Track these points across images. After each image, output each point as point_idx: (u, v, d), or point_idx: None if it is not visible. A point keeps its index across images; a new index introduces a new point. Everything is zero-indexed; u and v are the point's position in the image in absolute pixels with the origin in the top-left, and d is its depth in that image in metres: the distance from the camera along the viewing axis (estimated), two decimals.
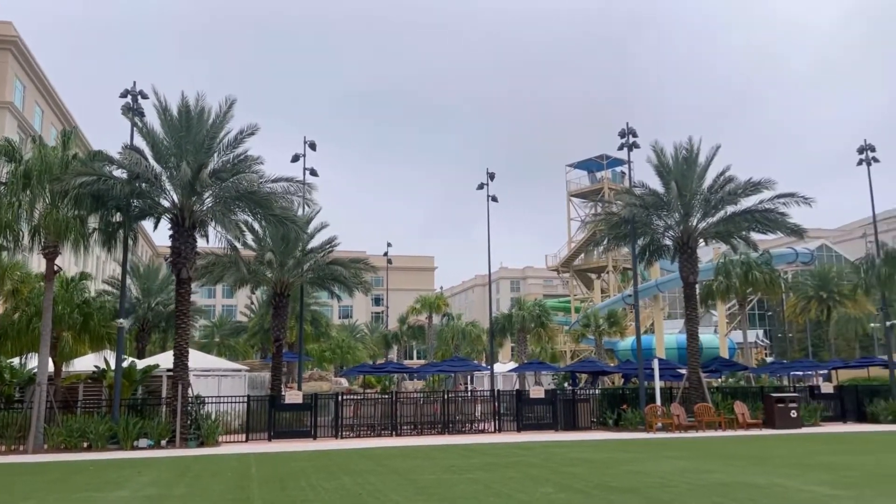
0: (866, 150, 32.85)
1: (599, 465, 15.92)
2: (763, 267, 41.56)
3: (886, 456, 17.77)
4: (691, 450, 19.60)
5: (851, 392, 31.44)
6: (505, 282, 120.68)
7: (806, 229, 30.07)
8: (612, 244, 34.14)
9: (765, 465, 15.88)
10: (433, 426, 27.36)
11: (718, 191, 29.25)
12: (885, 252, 32.45)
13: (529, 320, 42.18)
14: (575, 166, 70.86)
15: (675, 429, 26.64)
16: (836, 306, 57.62)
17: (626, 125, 30.68)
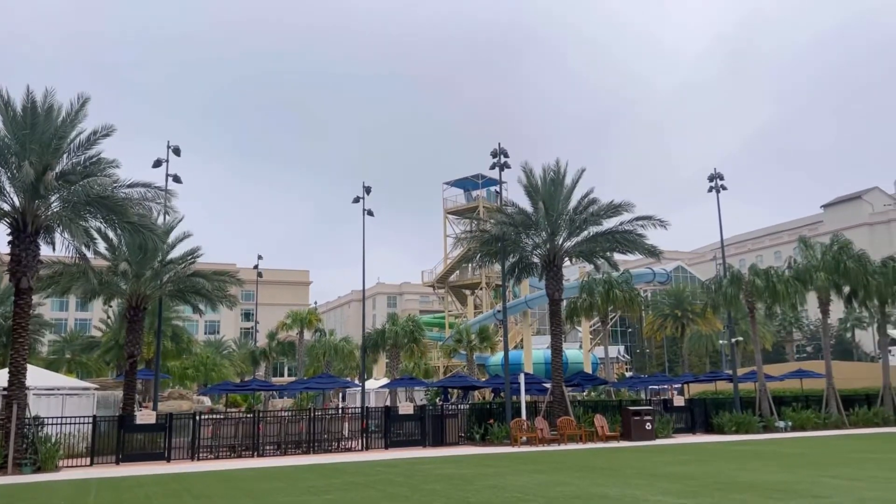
0: (716, 178, 35.41)
1: (461, 481, 15.91)
2: (623, 286, 43.70)
3: (726, 465, 18.94)
4: (551, 463, 20.06)
5: (700, 405, 33.49)
6: (382, 297, 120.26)
7: (662, 251, 31.88)
8: (483, 261, 34.73)
9: (618, 477, 16.48)
10: (298, 446, 26.51)
11: (583, 212, 30.45)
12: (731, 274, 34.97)
13: (402, 336, 42.08)
14: (451, 184, 71.89)
15: (538, 442, 27.27)
16: (689, 324, 61.62)
17: (498, 145, 31.41)
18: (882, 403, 35.34)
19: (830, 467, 17.84)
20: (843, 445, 24.45)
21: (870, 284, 34.34)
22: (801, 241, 37.03)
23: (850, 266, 34.42)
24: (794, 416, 33.13)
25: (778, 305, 35.99)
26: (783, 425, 32.43)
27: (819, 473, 16.50)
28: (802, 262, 35.79)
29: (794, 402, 34.76)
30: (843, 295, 36.58)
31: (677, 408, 33.02)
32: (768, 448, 24.08)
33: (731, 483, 14.97)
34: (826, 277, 34.28)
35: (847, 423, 33.80)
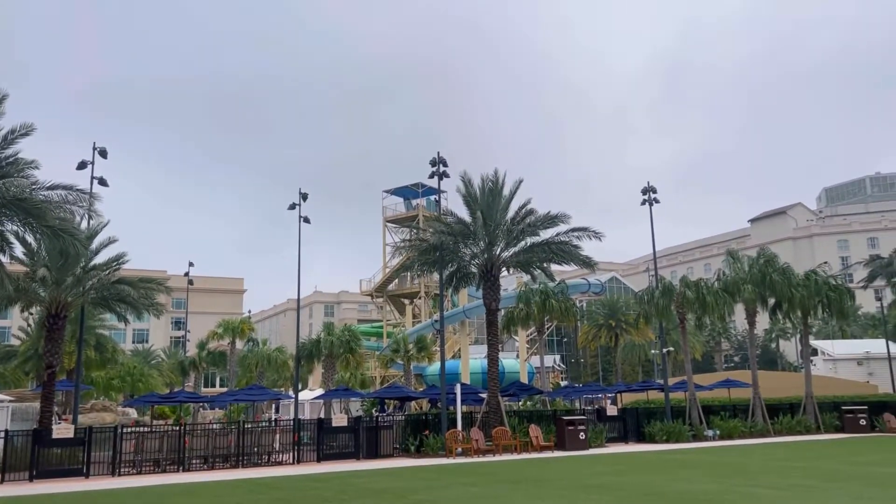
0: (649, 192, 36.15)
1: (392, 496, 15.57)
2: (559, 296, 44.15)
3: (656, 475, 19.15)
4: (485, 475, 19.90)
5: (633, 414, 33.99)
6: (319, 306, 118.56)
7: (597, 262, 32.30)
8: (421, 270, 34.51)
9: (550, 489, 16.43)
10: (227, 460, 25.63)
11: (520, 222, 30.59)
12: (662, 285, 35.71)
13: (338, 346, 41.39)
14: (391, 192, 71.50)
15: (473, 453, 27.11)
16: (623, 334, 62.79)
17: (437, 154, 31.30)
18: (804, 412, 36.60)
19: (756, 476, 18.23)
20: (767, 454, 25.11)
21: (794, 297, 35.58)
22: (730, 254, 38.15)
23: (776, 279, 35.62)
24: (722, 424, 33.95)
25: (707, 316, 36.87)
26: (712, 434, 33.20)
27: (746, 482, 16.82)
28: (731, 274, 36.85)
29: (722, 411, 35.65)
30: (768, 306, 37.81)
31: (610, 417, 33.42)
32: (697, 457, 24.54)
33: (662, 493, 15.10)
34: (753, 290, 35.38)
35: (772, 431, 34.85)
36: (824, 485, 16.03)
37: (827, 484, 16.14)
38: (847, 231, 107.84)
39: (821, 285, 36.30)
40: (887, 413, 36.18)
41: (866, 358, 55.39)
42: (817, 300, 36.41)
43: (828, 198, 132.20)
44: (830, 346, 59.71)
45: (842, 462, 21.33)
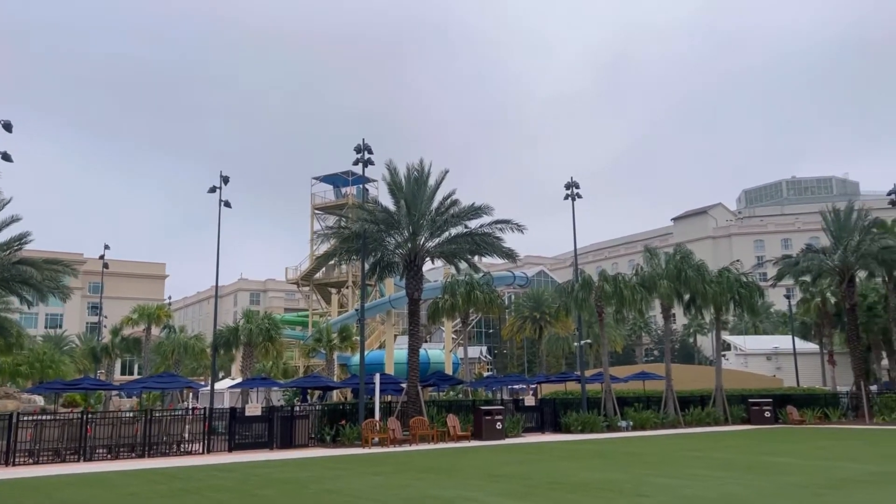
0: (572, 187, 36.68)
1: (295, 486, 15.29)
2: (485, 287, 44.39)
3: (565, 464, 19.47)
4: (397, 465, 19.81)
5: (550, 405, 34.55)
6: (244, 294, 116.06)
7: (519, 254, 32.59)
8: (345, 258, 34.11)
9: (459, 478, 16.47)
10: (133, 449, 24.75)
11: (445, 212, 30.58)
12: (582, 279, 36.36)
13: (257, 334, 40.47)
14: (321, 180, 70.40)
15: (390, 443, 27.00)
16: (547, 326, 63.75)
17: (362, 141, 30.89)
18: (714, 404, 37.96)
19: (659, 466, 18.73)
20: (674, 444, 25.90)
21: (706, 292, 36.80)
22: (647, 250, 39.13)
23: (690, 275, 36.75)
24: (636, 415, 34.87)
25: (625, 310, 37.71)
26: (625, 425, 34.06)
27: (648, 472, 17.25)
28: (648, 269, 37.80)
29: (636, 402, 36.62)
30: (683, 302, 38.98)
31: (528, 407, 33.88)
32: (608, 447, 25.09)
33: (566, 482, 15.31)
34: (668, 285, 36.39)
35: (682, 422, 36.00)
36: (720, 474, 16.58)
37: (723, 473, 16.71)
38: (763, 232, 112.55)
39: (732, 282, 37.65)
40: (790, 406, 37.89)
41: (775, 353, 58.02)
42: (729, 296, 37.75)
43: (747, 199, 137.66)
44: (742, 342, 62.30)
45: (741, 452, 22.16)
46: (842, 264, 38.84)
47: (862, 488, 13.92)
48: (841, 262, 38.79)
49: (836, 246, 39.66)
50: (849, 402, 39.75)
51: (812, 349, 56.46)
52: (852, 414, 38.63)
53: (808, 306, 53.17)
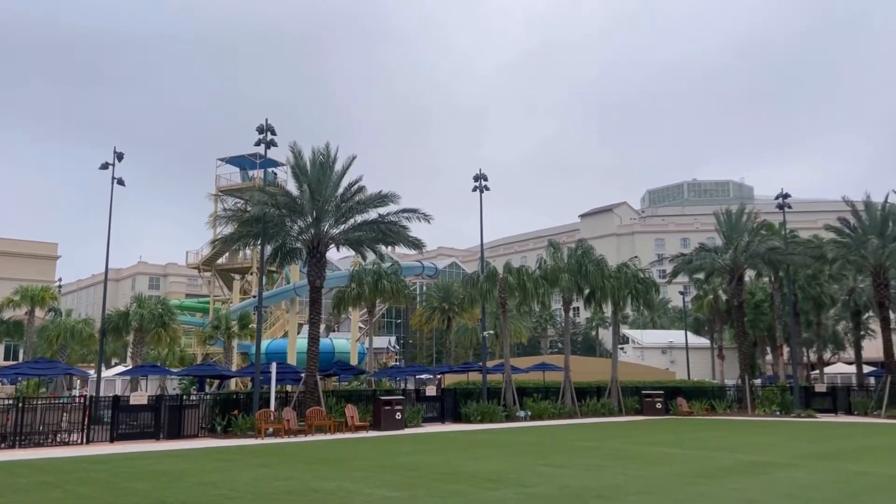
0: (480, 179, 36.81)
1: (171, 478, 14.53)
2: (392, 277, 44.06)
3: (457, 454, 19.44)
4: (285, 456, 19.24)
5: (451, 395, 34.64)
6: (143, 278, 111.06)
7: (425, 244, 32.34)
8: (243, 243, 32.98)
9: (345, 469, 16.11)
10: (4, 439, 23.05)
11: (350, 199, 29.99)
12: (487, 270, 36.62)
13: (149, 319, 38.63)
14: (227, 161, 67.73)
15: (284, 434, 26.31)
16: (455, 317, 64.16)
17: (265, 121, 29.88)
18: (609, 395, 39.10)
19: (549, 455, 18.98)
20: (567, 434, 26.43)
21: (605, 287, 37.82)
22: (551, 244, 39.81)
23: (591, 269, 37.66)
24: (534, 406, 35.47)
25: (529, 302, 38.30)
26: (523, 415, 34.58)
27: (536, 462, 17.43)
28: (551, 263, 38.47)
29: (535, 392, 37.26)
30: (584, 295, 39.92)
31: (429, 398, 33.84)
32: (503, 437, 25.32)
33: (453, 473, 15.22)
34: (569, 278, 37.16)
35: (579, 412, 36.90)
36: (605, 463, 16.93)
37: (608, 463, 17.07)
38: (664, 231, 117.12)
39: (630, 278, 38.85)
40: (680, 397, 39.50)
41: (669, 347, 60.56)
42: (627, 291, 38.95)
43: (650, 199, 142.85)
44: (640, 336, 64.64)
45: (629, 443, 22.81)
46: (732, 263, 40.74)
47: (733, 477, 14.47)
48: (731, 261, 40.68)
49: (728, 246, 41.57)
50: (734, 395, 41.80)
51: (704, 344, 59.24)
52: (737, 406, 40.64)
53: (701, 303, 55.70)
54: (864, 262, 38.05)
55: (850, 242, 38.45)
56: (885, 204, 38.99)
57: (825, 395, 39.60)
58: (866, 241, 37.26)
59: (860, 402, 38.00)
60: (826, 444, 22.12)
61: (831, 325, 60.64)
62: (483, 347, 37.92)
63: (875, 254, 36.84)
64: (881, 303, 38.36)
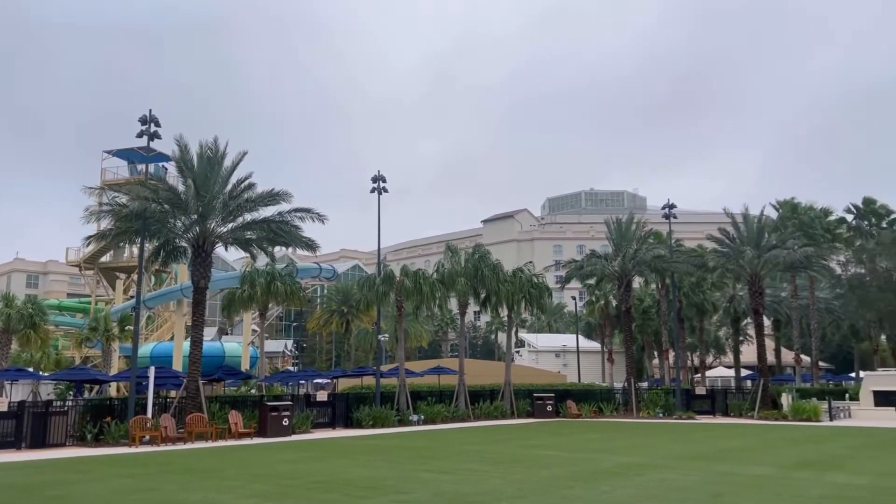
0: (378, 181, 36.33)
1: (18, 493, 13.30)
2: (286, 278, 42.85)
3: (339, 461, 18.93)
4: (154, 465, 18.12)
5: (343, 399, 33.94)
6: (20, 275, 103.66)
7: (319, 245, 31.36)
8: (120, 239, 31.15)
9: (215, 479, 15.29)
10: None
11: (239, 196, 28.82)
12: (384, 273, 36.22)
13: (17, 319, 35.87)
14: (114, 154, 64.26)
15: (161, 442, 24.91)
16: (355, 320, 63.19)
17: (149, 112, 28.30)
18: (502, 398, 39.49)
19: (432, 461, 18.76)
20: (457, 438, 26.37)
21: (500, 291, 38.20)
22: (449, 248, 39.88)
23: (486, 273, 37.96)
24: (428, 409, 35.31)
25: (426, 305, 38.16)
26: (416, 419, 34.34)
27: (418, 467, 17.16)
28: (448, 267, 38.50)
29: (429, 396, 37.13)
30: (480, 299, 40.18)
31: (320, 403, 33.02)
32: (392, 442, 24.95)
33: (330, 481, 14.73)
34: (466, 282, 37.30)
35: (472, 415, 37.03)
36: (487, 468, 16.87)
37: (490, 467, 17.02)
38: (562, 238, 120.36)
39: (524, 282, 39.43)
40: (570, 400, 40.40)
41: (563, 351, 62.05)
42: (521, 295, 39.47)
43: (550, 207, 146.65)
44: (535, 339, 65.94)
45: (515, 446, 22.97)
46: (620, 270, 42.11)
47: (608, 480, 14.71)
48: (620, 268, 42.04)
49: (617, 253, 42.95)
50: (621, 398, 43.15)
51: (595, 348, 61.07)
52: (623, 408, 41.95)
53: (593, 308, 57.36)
54: (741, 271, 40.20)
55: (730, 252, 40.55)
56: (761, 216, 41.42)
57: (705, 398, 41.51)
58: (743, 251, 39.41)
59: (736, 404, 40.04)
60: (700, 446, 23.03)
61: (714, 330, 63.97)
62: (378, 351, 37.54)
63: (751, 263, 39.00)
64: (756, 310, 40.64)
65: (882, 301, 43.74)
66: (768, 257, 38.89)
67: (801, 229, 46.80)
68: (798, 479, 14.90)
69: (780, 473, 15.87)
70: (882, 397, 37.10)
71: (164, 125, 28.75)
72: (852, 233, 49.88)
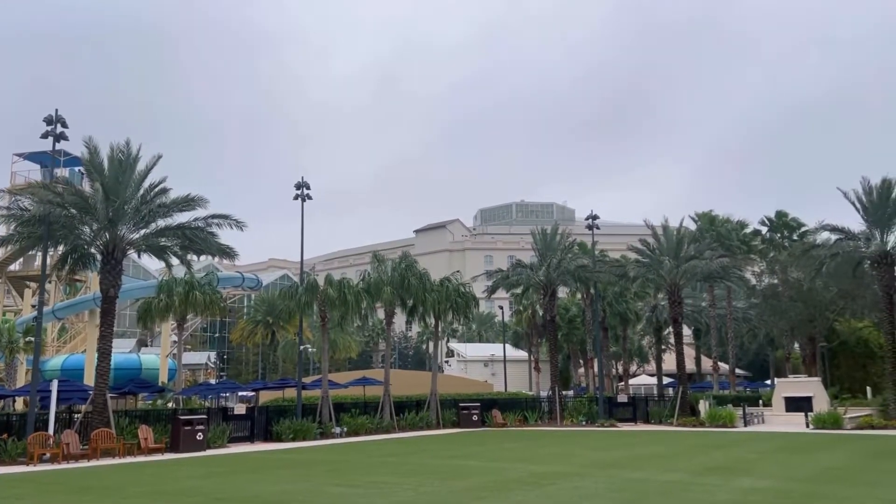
0: (302, 187, 35.62)
1: None
2: (206, 288, 41.44)
3: (246, 477, 18.23)
4: (50, 485, 17.03)
5: (263, 412, 32.95)
6: None
7: (237, 252, 30.55)
8: (26, 245, 29.48)
9: (112, 498, 14.43)
10: None
11: (152, 201, 27.69)
12: (307, 282, 35.46)
13: None
14: (25, 157, 61.13)
15: (63, 459, 23.51)
16: (281, 331, 61.90)
17: (55, 112, 26.92)
18: (428, 408, 39.17)
19: (347, 474, 18.25)
20: (377, 450, 25.89)
21: (426, 300, 37.96)
22: (375, 257, 39.43)
23: (413, 282, 37.65)
24: (351, 421, 34.66)
25: (351, 315, 37.51)
26: (339, 431, 33.64)
27: (330, 481, 16.66)
28: (374, 276, 38.02)
29: (353, 408, 36.47)
30: (407, 308, 39.82)
31: (238, 416, 31.93)
32: (309, 456, 24.26)
33: (234, 498, 14.10)
34: (392, 291, 36.90)
35: (397, 427, 36.53)
36: (402, 480, 16.54)
37: (405, 479, 16.69)
38: (493, 248, 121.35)
39: (451, 291, 39.30)
40: (495, 409, 40.42)
41: (491, 360, 62.22)
42: (447, 304, 39.31)
43: (482, 218, 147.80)
44: (464, 349, 65.98)
45: (435, 456, 22.69)
46: (545, 279, 42.52)
47: (521, 489, 14.58)
48: (545, 277, 42.45)
49: (542, 263, 43.38)
50: (546, 406, 43.46)
51: (523, 357, 61.53)
52: (548, 417, 42.25)
53: (520, 317, 57.82)
54: (661, 281, 41.21)
55: (650, 263, 41.51)
56: (680, 228, 42.62)
57: (627, 405, 42.23)
58: (662, 261, 40.41)
59: (656, 412, 40.88)
60: (616, 453, 23.25)
61: (638, 339, 65.47)
62: (300, 362, 36.60)
63: (670, 273, 40.03)
64: (675, 318, 41.70)
65: (793, 310, 45.58)
66: (686, 268, 39.99)
67: (718, 241, 48.41)
68: (706, 485, 15.13)
69: (689, 479, 16.10)
70: (793, 403, 38.55)
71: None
72: (766, 245, 51.92)
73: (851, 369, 49.93)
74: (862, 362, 49.41)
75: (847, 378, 49.18)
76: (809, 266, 40.02)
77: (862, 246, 35.55)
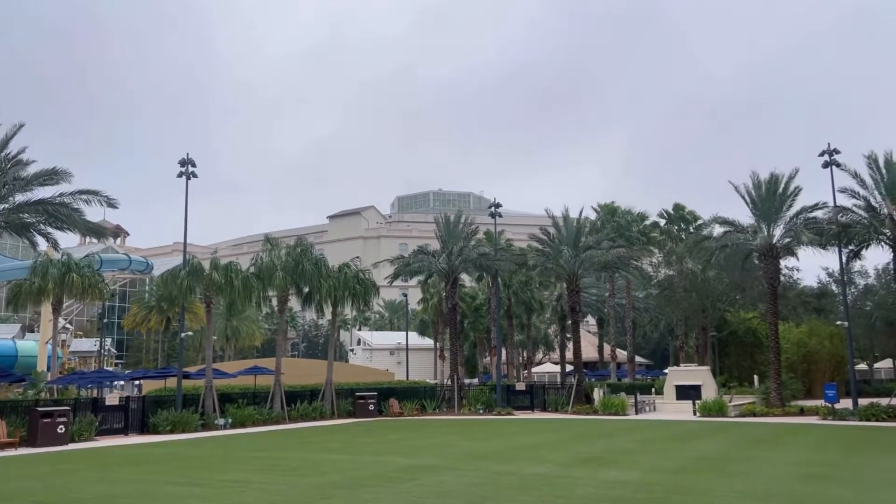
0: (187, 164, 33.55)
1: None
2: (85, 270, 38.67)
3: (94, 474, 16.71)
4: None
5: (139, 403, 30.96)
6: None
7: (107, 230, 28.87)
8: None
9: None
10: None
11: (6, 173, 25.32)
12: (190, 265, 33.51)
13: None
14: None
15: None
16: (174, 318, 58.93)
17: None
18: (323, 398, 37.90)
19: (200, 471, 17.00)
20: (252, 443, 24.60)
21: (322, 286, 36.62)
22: (268, 240, 37.75)
23: (308, 268, 36.22)
24: (237, 412, 33.05)
25: (240, 301, 35.86)
26: (223, 423, 32.00)
27: (174, 480, 15.39)
28: (266, 260, 36.38)
29: (241, 398, 34.82)
30: (302, 295, 38.35)
31: (111, 407, 29.85)
32: (175, 450, 22.69)
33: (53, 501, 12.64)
34: (284, 276, 35.37)
35: (288, 417, 35.13)
36: (257, 477, 15.43)
37: (262, 476, 15.60)
38: (408, 236, 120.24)
39: (350, 278, 38.08)
40: (392, 398, 39.56)
41: (397, 348, 61.35)
42: (346, 291, 38.09)
43: (399, 205, 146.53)
44: (370, 337, 64.85)
45: (308, 450, 21.60)
46: (447, 267, 41.90)
47: (378, 485, 13.75)
48: (447, 264, 41.83)
49: (444, 250, 42.73)
50: (444, 394, 42.94)
51: (429, 345, 60.93)
52: (447, 405, 41.75)
53: (427, 305, 57.13)
54: (560, 270, 41.24)
55: (550, 252, 41.47)
56: (580, 218, 42.77)
57: (525, 394, 42.19)
58: (562, 250, 40.43)
59: (553, 400, 40.99)
60: (497, 443, 22.76)
61: (544, 328, 66.02)
62: (181, 350, 34.75)
63: (569, 263, 40.10)
64: (573, 307, 41.88)
65: (687, 301, 46.65)
66: (585, 257, 40.16)
67: (618, 232, 48.99)
68: (570, 478, 14.70)
69: (557, 472, 15.65)
70: (682, 391, 39.38)
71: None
72: (664, 236, 53.03)
73: (740, 358, 51.67)
74: (750, 351, 51.18)
75: (736, 367, 50.85)
76: (701, 257, 40.90)
77: (750, 238, 36.48)
